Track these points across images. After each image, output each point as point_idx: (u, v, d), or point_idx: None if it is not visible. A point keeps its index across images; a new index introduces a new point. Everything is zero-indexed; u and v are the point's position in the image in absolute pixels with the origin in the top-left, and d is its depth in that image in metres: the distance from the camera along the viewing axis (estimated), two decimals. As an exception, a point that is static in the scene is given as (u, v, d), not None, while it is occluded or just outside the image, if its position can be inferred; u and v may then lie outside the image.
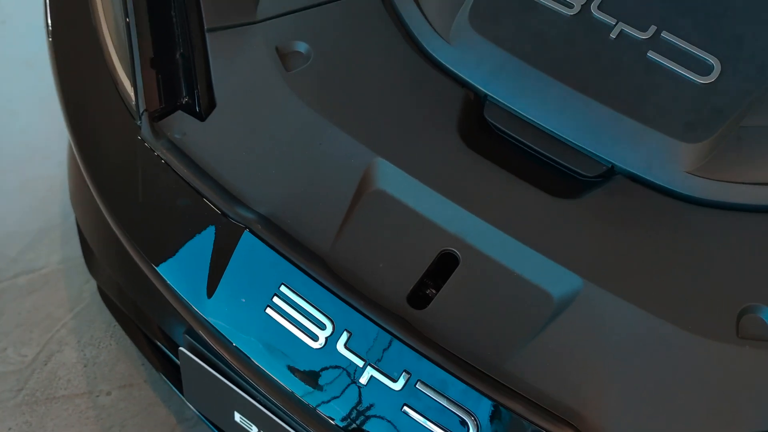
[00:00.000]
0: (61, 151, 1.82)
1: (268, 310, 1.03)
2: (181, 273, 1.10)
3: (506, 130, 1.12)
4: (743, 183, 1.06)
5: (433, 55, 1.17)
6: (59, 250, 1.83)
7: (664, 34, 1.12)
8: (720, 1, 1.15)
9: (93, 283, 1.73)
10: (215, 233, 1.08)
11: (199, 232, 1.09)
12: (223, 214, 1.08)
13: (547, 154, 1.11)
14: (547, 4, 1.15)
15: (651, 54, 1.11)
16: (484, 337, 1.00)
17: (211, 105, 1.15)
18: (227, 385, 1.16)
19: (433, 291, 1.03)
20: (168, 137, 1.13)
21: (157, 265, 1.10)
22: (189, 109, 1.16)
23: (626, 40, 1.12)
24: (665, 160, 1.07)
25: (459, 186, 1.06)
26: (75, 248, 1.76)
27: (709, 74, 1.09)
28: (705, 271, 1.02)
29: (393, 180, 1.07)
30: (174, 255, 1.10)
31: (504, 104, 1.13)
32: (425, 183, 1.06)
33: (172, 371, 1.42)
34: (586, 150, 1.10)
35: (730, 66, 1.10)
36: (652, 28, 1.12)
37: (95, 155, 1.21)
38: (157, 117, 1.15)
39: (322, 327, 1.01)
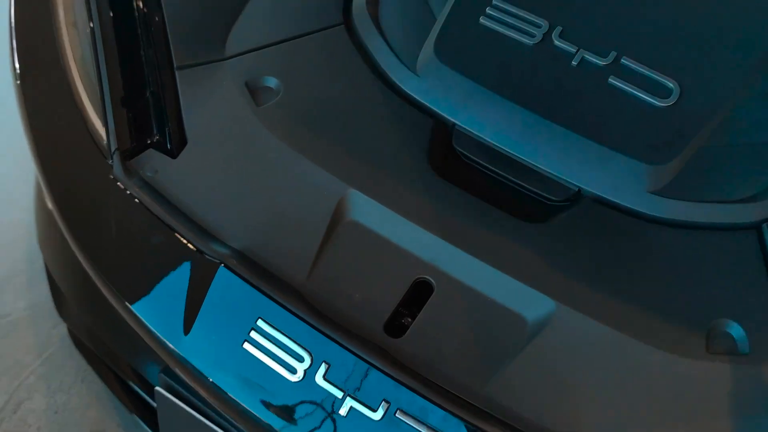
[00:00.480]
0: (25, 196, 1.80)
1: (246, 345, 1.03)
2: (156, 311, 1.09)
3: (475, 158, 1.15)
4: (706, 202, 1.09)
5: (401, 86, 1.19)
6: (25, 295, 1.81)
7: (624, 60, 1.15)
8: (677, 24, 1.19)
9: (61, 328, 1.71)
10: (190, 270, 1.08)
11: (174, 269, 1.09)
12: (198, 250, 1.08)
13: (516, 180, 1.13)
14: (509, 34, 1.18)
15: (612, 79, 1.14)
16: (462, 362, 1.01)
17: (183, 142, 1.16)
18: (206, 424, 1.15)
19: (410, 319, 1.04)
20: (140, 175, 1.14)
21: (131, 304, 1.10)
22: (160, 147, 1.17)
23: (588, 67, 1.15)
24: (630, 181, 1.09)
25: (431, 214, 1.08)
26: (41, 293, 1.74)
27: (669, 97, 1.12)
28: (674, 289, 1.04)
29: (366, 210, 1.08)
30: (149, 293, 1.10)
31: (472, 132, 1.16)
32: (397, 212, 1.07)
33: (147, 413, 1.41)
34: (554, 175, 1.12)
35: (689, 88, 1.13)
36: (612, 54, 1.16)
37: (67, 195, 1.21)
38: (128, 156, 1.15)
39: (300, 359, 1.01)
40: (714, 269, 1.06)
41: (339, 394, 1.00)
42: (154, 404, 1.22)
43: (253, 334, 1.03)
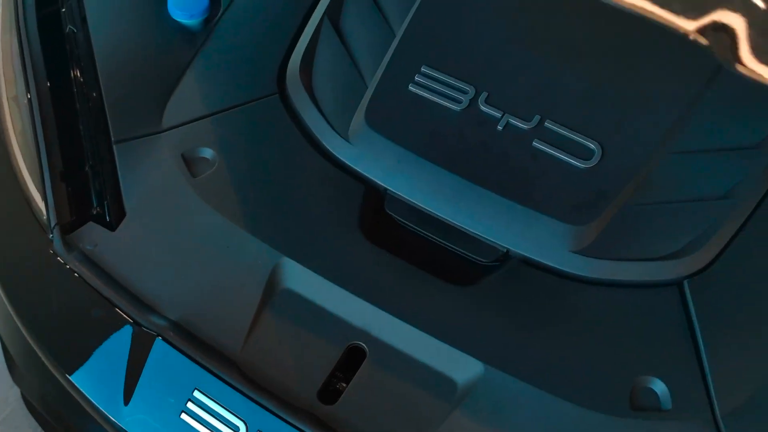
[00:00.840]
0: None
1: (183, 416, 1.06)
2: (96, 382, 1.11)
3: (407, 222, 1.18)
4: (628, 260, 1.12)
5: (334, 153, 1.22)
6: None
7: (548, 123, 1.19)
8: (598, 88, 1.22)
9: (18, 389, 1.71)
10: (129, 341, 1.11)
11: (114, 342, 1.11)
12: (136, 322, 1.10)
13: (446, 243, 1.16)
14: (437, 100, 1.22)
15: (536, 143, 1.17)
16: (394, 426, 1.03)
17: (121, 214, 1.18)
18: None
19: (344, 384, 1.06)
20: (80, 249, 1.16)
21: (71, 375, 1.12)
22: (100, 220, 1.19)
23: (512, 131, 1.19)
24: (554, 242, 1.13)
25: (363, 280, 1.11)
26: (-2, 355, 1.75)
27: (591, 158, 1.16)
28: (598, 347, 1.07)
29: (299, 279, 1.11)
30: (89, 365, 1.12)
31: (403, 197, 1.19)
32: (330, 280, 1.10)
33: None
34: (483, 237, 1.16)
35: (610, 149, 1.17)
36: (536, 118, 1.19)
37: (8, 269, 1.23)
38: (68, 230, 1.17)
39: (236, 429, 1.03)
40: (637, 326, 1.09)
41: (274, 462, 1.03)
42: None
43: (190, 405, 1.06)
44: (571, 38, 1.27)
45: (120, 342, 1.11)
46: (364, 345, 1.07)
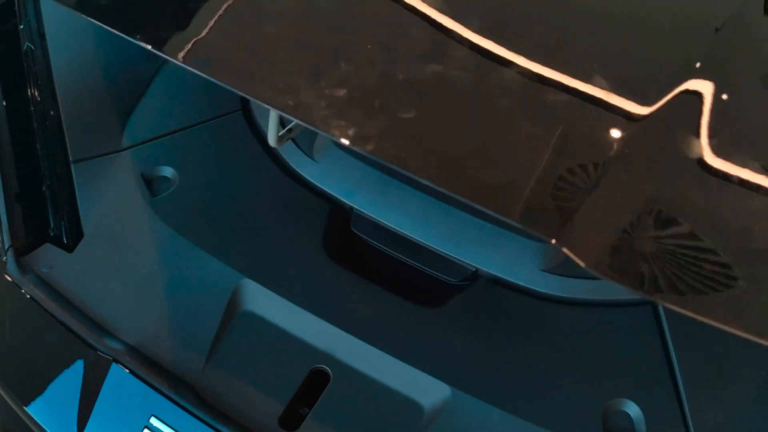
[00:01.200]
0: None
1: (139, 444, 1.02)
2: (50, 411, 1.07)
3: (373, 241, 1.15)
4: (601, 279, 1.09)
5: (299, 171, 1.20)
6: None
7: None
8: None
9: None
10: (84, 367, 1.07)
11: (68, 367, 1.07)
12: (91, 347, 1.06)
13: (414, 262, 1.13)
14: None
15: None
16: (359, 453, 1.00)
17: (79, 236, 1.15)
18: None
19: (307, 410, 1.02)
20: (35, 272, 1.12)
21: (26, 405, 1.08)
22: (56, 241, 1.15)
23: None
24: (524, 260, 1.10)
25: (327, 302, 1.08)
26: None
27: None
28: (569, 368, 1.04)
29: (260, 300, 1.07)
30: (43, 393, 1.07)
31: (370, 216, 1.16)
32: (293, 301, 1.07)
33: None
34: (451, 256, 1.12)
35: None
36: None
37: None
38: (23, 252, 1.13)
39: (194, 457, 1.00)
40: (610, 347, 1.06)
41: (235, 490, 0.99)
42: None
43: (147, 433, 1.02)
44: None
45: (74, 368, 1.07)
46: (327, 368, 1.03)
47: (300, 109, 0.78)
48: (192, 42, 0.84)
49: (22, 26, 1.28)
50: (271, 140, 1.11)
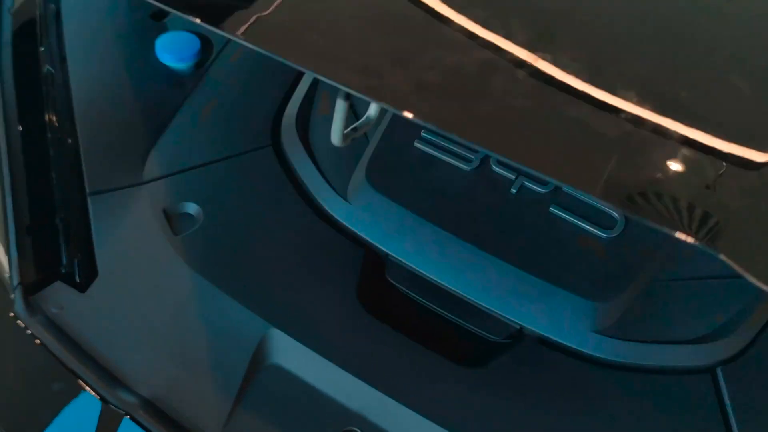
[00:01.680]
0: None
1: None
2: (55, 466, 0.99)
3: (409, 292, 1.07)
4: (655, 342, 1.01)
5: (331, 213, 1.12)
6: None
7: (566, 187, 1.09)
8: None
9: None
10: (97, 421, 0.98)
11: (77, 420, 0.99)
12: (102, 398, 0.98)
13: (453, 317, 1.05)
14: (445, 158, 1.12)
15: (553, 208, 1.07)
16: None
17: (93, 274, 1.06)
18: None
19: (337, 475, 0.94)
20: (44, 312, 1.04)
21: (28, 459, 0.99)
22: (68, 279, 1.07)
23: (527, 195, 1.09)
24: (574, 320, 1.02)
25: (360, 357, 0.99)
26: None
27: (613, 228, 1.06)
28: (622, 440, 0.96)
29: (289, 353, 0.99)
30: (48, 446, 0.99)
31: (406, 264, 1.08)
32: (323, 355, 0.98)
33: None
34: (493, 311, 1.04)
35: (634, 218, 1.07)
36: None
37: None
38: (32, 290, 1.05)
39: None
40: (666, 416, 0.97)
41: None
42: None
43: (159, 497, 0.93)
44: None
45: (83, 422, 0.98)
46: (359, 431, 0.95)
47: (382, 90, 0.72)
48: (253, 18, 0.77)
49: (42, 48, 1.21)
50: (335, 138, 1.03)
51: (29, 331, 1.03)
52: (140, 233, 1.09)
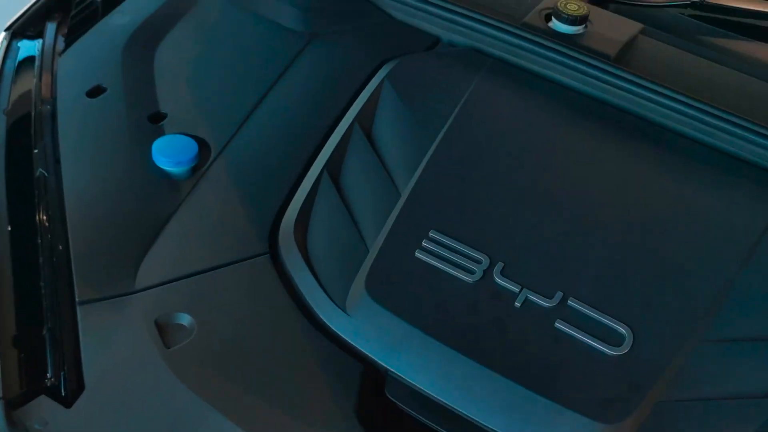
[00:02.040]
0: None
1: None
2: None
3: (409, 410, 1.03)
4: (668, 467, 0.97)
5: (329, 325, 1.08)
6: None
7: (571, 301, 1.06)
8: (627, 263, 1.11)
9: None
10: None
11: None
12: None
13: (455, 437, 1.01)
14: (447, 270, 1.09)
15: (559, 324, 1.04)
16: None
17: (80, 387, 1.02)
18: None
19: None
20: (27, 429, 0.99)
21: None
22: (53, 393, 1.02)
23: (532, 309, 1.06)
24: (583, 443, 0.98)
25: (358, 484, 0.95)
26: None
27: (621, 344, 1.03)
28: None
29: (283, 478, 0.95)
30: None
31: (407, 380, 1.04)
32: None
33: None
34: (497, 431, 1.00)
35: (643, 335, 1.04)
36: (558, 295, 1.06)
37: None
38: (16, 405, 1.00)
39: None
40: None
41: None
42: None
43: None
44: (596, 201, 1.17)
45: None
46: None
47: None
48: None
49: (36, 150, 1.19)
50: None
51: (10, 451, 0.98)
52: (130, 345, 1.05)
